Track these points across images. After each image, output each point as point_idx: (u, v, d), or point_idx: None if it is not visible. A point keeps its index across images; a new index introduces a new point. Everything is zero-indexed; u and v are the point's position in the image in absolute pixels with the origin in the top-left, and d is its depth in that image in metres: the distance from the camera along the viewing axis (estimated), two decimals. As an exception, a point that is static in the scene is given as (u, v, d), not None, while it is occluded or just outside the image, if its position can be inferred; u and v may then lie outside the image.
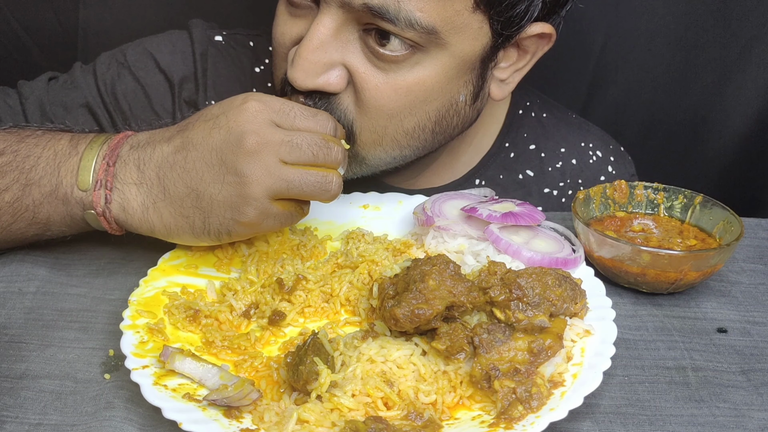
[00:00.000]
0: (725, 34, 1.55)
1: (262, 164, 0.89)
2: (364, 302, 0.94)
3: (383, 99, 1.04)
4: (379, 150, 1.10)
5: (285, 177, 0.90)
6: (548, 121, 1.36)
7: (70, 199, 0.95)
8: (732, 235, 1.01)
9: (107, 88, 1.25)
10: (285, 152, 0.90)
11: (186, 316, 0.91)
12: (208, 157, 0.91)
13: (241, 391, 0.78)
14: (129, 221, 0.95)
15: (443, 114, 1.10)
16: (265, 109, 0.91)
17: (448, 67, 1.04)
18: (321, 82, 1.02)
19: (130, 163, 0.94)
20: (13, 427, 0.78)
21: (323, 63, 1.01)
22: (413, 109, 1.06)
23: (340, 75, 1.03)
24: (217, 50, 1.27)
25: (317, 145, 0.92)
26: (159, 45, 1.27)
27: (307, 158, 0.91)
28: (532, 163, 1.32)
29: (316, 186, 0.92)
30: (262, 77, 1.28)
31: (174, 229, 0.94)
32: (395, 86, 1.03)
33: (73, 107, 1.24)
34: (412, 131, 1.09)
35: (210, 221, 0.92)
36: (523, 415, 0.77)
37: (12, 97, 1.24)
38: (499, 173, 1.31)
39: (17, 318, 0.94)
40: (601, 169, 1.35)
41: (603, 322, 0.89)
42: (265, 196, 0.90)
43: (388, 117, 1.05)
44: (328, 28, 0.99)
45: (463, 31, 1.01)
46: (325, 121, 0.95)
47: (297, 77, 1.00)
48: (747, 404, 0.85)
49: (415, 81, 1.03)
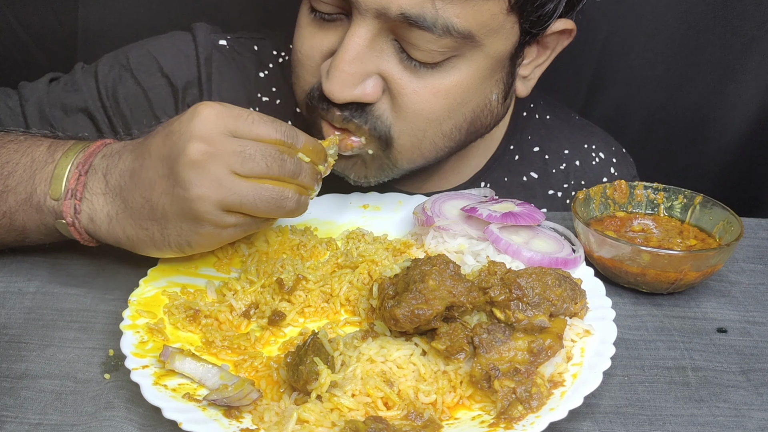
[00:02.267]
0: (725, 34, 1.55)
1: (210, 176, 0.83)
2: (364, 302, 0.94)
3: (422, 103, 1.03)
4: (416, 154, 1.09)
5: (237, 191, 0.84)
6: (552, 122, 1.36)
7: (43, 208, 0.93)
8: (732, 235, 1.01)
9: (108, 91, 1.23)
10: (237, 163, 0.84)
11: (186, 316, 0.91)
12: (159, 167, 0.86)
13: (241, 391, 0.78)
14: (97, 232, 0.92)
15: (478, 114, 1.10)
16: (219, 115, 0.85)
17: (483, 67, 1.04)
18: (358, 93, 1.00)
19: (99, 171, 0.91)
20: (13, 427, 0.78)
21: (360, 74, 1.00)
22: (451, 112, 1.06)
23: (376, 84, 1.02)
24: (221, 55, 1.26)
25: (272, 156, 0.86)
26: (162, 48, 1.25)
27: (260, 170, 0.85)
28: (536, 165, 1.33)
29: (270, 202, 0.86)
30: (266, 82, 1.27)
31: (136, 242, 0.91)
32: (433, 90, 1.02)
33: (72, 110, 1.23)
34: (450, 133, 1.09)
35: (168, 233, 0.88)
36: (523, 415, 0.77)
37: (12, 99, 1.24)
38: (504, 176, 1.31)
39: (17, 318, 0.94)
40: (604, 170, 1.36)
41: (603, 322, 0.89)
42: (216, 209, 0.84)
43: (428, 121, 1.05)
44: (363, 38, 0.98)
45: (497, 33, 1.01)
46: (287, 128, 0.90)
47: (334, 89, 0.99)
48: (747, 404, 0.85)
49: (453, 84, 1.03)
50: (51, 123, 1.22)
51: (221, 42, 1.27)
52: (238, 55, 1.27)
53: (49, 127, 1.22)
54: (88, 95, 1.23)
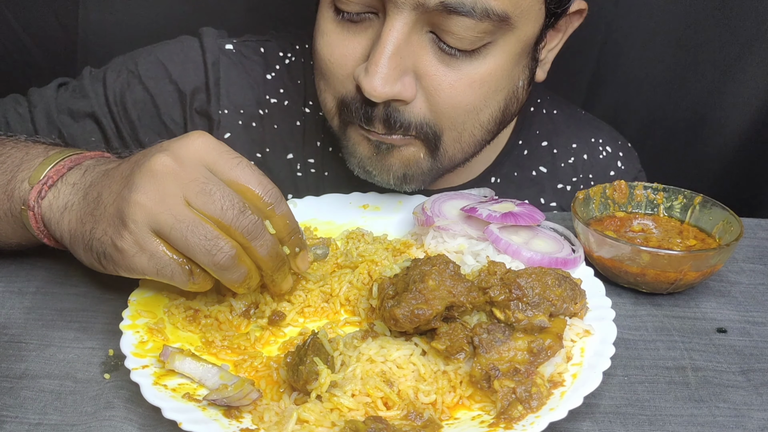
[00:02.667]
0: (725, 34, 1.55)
1: (159, 189, 0.79)
2: (363, 302, 0.94)
3: (460, 96, 1.02)
4: (457, 149, 1.08)
5: (174, 213, 0.78)
6: (559, 117, 1.37)
7: (14, 194, 0.91)
8: (731, 236, 1.01)
9: (116, 97, 1.23)
10: (192, 192, 0.79)
11: (186, 315, 0.91)
12: (125, 168, 0.84)
13: (241, 391, 0.78)
14: (50, 222, 0.89)
15: (509, 102, 1.09)
16: (205, 145, 0.82)
17: (514, 52, 1.04)
18: (399, 89, 0.98)
19: (83, 168, 0.90)
20: (12, 427, 0.79)
21: (400, 69, 0.98)
22: (487, 101, 1.05)
23: (412, 81, 1.00)
24: (228, 59, 1.26)
25: (233, 203, 0.80)
26: (171, 54, 1.25)
27: (213, 210, 0.79)
28: (545, 160, 1.33)
29: (202, 242, 0.78)
30: (273, 84, 1.27)
31: (71, 238, 0.86)
32: (470, 81, 1.01)
33: (79, 116, 1.23)
34: (487, 123, 1.08)
35: (94, 234, 0.83)
36: (523, 415, 0.77)
37: (22, 105, 1.24)
38: (514, 170, 1.31)
39: (17, 318, 0.94)
40: (611, 164, 1.36)
41: (603, 322, 0.89)
42: (145, 224, 0.79)
43: (466, 113, 1.04)
44: (401, 32, 0.96)
45: (528, 14, 1.01)
46: (273, 190, 0.83)
47: (376, 85, 0.96)
48: (747, 404, 0.85)
49: (488, 71, 1.02)
50: (59, 128, 1.23)
51: (228, 46, 1.27)
52: (245, 58, 1.27)
53: (56, 133, 1.22)
54: (96, 101, 1.23)
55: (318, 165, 1.28)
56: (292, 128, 1.27)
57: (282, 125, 1.27)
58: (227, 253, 0.80)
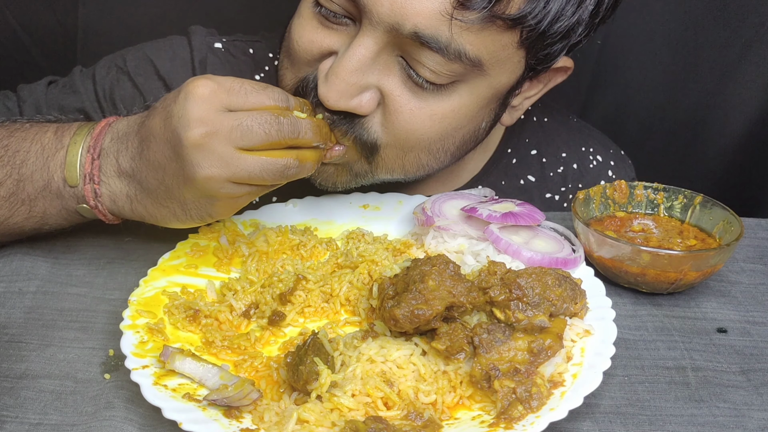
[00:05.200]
0: (725, 34, 1.55)
1: (214, 156, 0.86)
2: (363, 302, 0.94)
3: (417, 124, 1.02)
4: (398, 167, 1.09)
5: (243, 166, 0.86)
6: (549, 125, 1.36)
7: (63, 193, 0.96)
8: (732, 235, 1.01)
9: (106, 93, 1.24)
10: (237, 138, 0.86)
11: (186, 316, 0.91)
12: (165, 150, 0.89)
13: (241, 391, 0.78)
14: (121, 212, 0.96)
15: (467, 140, 1.10)
16: (213, 92, 0.87)
17: (483, 96, 1.04)
18: (353, 105, 0.99)
19: (111, 155, 0.94)
20: (13, 427, 0.78)
21: (359, 85, 0.98)
22: (443, 135, 1.05)
23: (372, 98, 1.00)
24: (216, 58, 1.26)
25: (268, 122, 0.87)
26: (159, 51, 1.26)
27: (260, 139, 0.87)
28: (534, 169, 1.33)
29: (276, 173, 0.88)
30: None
31: (160, 218, 0.95)
32: (431, 113, 1.01)
33: (69, 111, 1.24)
34: (436, 152, 1.08)
35: (188, 208, 0.92)
36: (523, 415, 0.77)
37: (11, 100, 1.24)
38: (501, 179, 1.31)
39: (17, 317, 0.94)
40: (602, 173, 1.36)
41: (603, 322, 0.89)
42: (228, 184, 0.87)
43: (418, 141, 1.04)
44: (369, 50, 0.96)
45: (504, 64, 1.01)
46: (277, 93, 0.91)
47: (330, 97, 0.97)
48: (747, 404, 0.85)
49: (451, 108, 1.02)
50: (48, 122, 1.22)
51: (217, 45, 1.27)
52: (234, 58, 1.27)
53: None
54: (86, 97, 1.24)
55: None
56: None
57: None
58: (294, 165, 0.89)
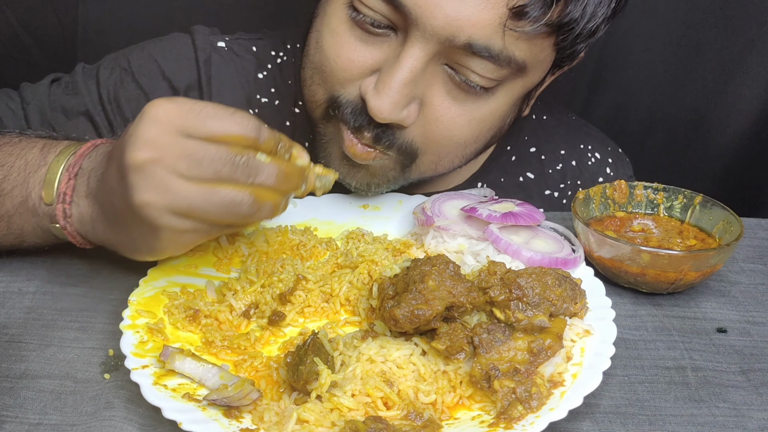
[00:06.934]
0: (726, 34, 1.55)
1: (154, 181, 0.77)
2: (363, 302, 0.94)
3: (456, 129, 1.03)
4: (431, 170, 1.10)
5: (183, 195, 0.77)
6: (548, 123, 1.36)
7: (39, 211, 0.92)
8: (732, 235, 1.01)
9: (110, 95, 1.23)
10: (183, 168, 0.77)
11: (186, 315, 0.91)
12: (114, 171, 0.81)
13: (241, 391, 0.78)
14: (87, 235, 0.91)
15: (494, 137, 1.12)
16: (168, 114, 0.79)
17: (517, 95, 1.05)
18: (404, 116, 0.99)
19: (86, 175, 0.89)
20: (12, 427, 0.78)
21: (410, 96, 0.98)
22: (479, 137, 1.07)
23: (416, 108, 1.00)
24: (220, 56, 1.26)
25: (221, 160, 0.78)
26: (164, 51, 1.25)
27: (208, 175, 0.78)
28: (533, 166, 1.33)
29: (222, 207, 0.78)
30: (265, 83, 1.27)
31: (116, 245, 0.88)
32: (471, 118, 1.02)
33: (73, 114, 1.23)
34: (469, 155, 1.11)
35: (134, 238, 0.84)
36: (523, 415, 0.77)
37: (14, 101, 1.24)
38: (501, 176, 1.31)
39: (17, 317, 0.94)
40: (600, 170, 1.36)
41: (603, 322, 0.89)
42: (168, 214, 0.78)
43: (456, 145, 1.06)
44: (420, 62, 0.95)
45: (541, 64, 1.03)
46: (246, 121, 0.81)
47: (384, 109, 0.96)
48: (746, 404, 0.85)
49: (490, 111, 1.03)
50: (52, 126, 1.22)
51: (220, 44, 1.26)
52: (237, 56, 1.27)
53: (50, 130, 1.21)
54: (89, 99, 1.23)
55: None
56: (282, 128, 1.27)
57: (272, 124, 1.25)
58: (247, 202, 0.79)
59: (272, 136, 0.83)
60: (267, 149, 0.82)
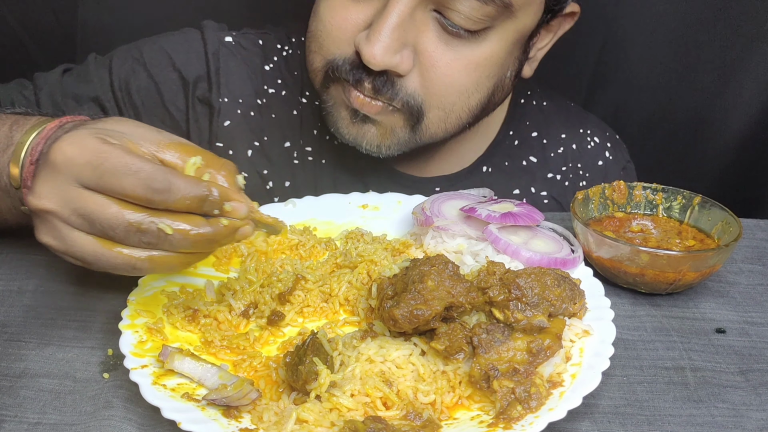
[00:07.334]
0: (725, 34, 1.55)
1: (50, 228, 0.76)
2: (363, 302, 0.94)
3: (454, 75, 1.06)
4: (441, 128, 1.13)
5: (79, 247, 0.75)
6: (549, 108, 1.40)
7: (10, 193, 0.90)
8: (730, 236, 1.01)
9: (121, 83, 1.26)
10: (77, 223, 0.75)
11: (185, 315, 0.91)
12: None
13: (240, 391, 0.78)
14: None
15: (496, 89, 1.14)
16: (70, 163, 0.74)
17: (511, 40, 1.08)
18: (397, 60, 1.02)
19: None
20: (11, 426, 0.79)
21: (400, 42, 1.02)
22: (479, 85, 1.09)
23: (410, 56, 1.04)
24: (228, 50, 1.29)
25: (114, 223, 0.73)
26: (175, 44, 1.28)
27: (101, 234, 0.75)
28: (535, 150, 1.36)
29: (115, 267, 0.76)
30: (271, 74, 1.30)
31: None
32: (466, 62, 1.05)
33: (84, 100, 1.25)
34: (475, 108, 1.13)
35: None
36: (522, 415, 0.77)
37: (27, 89, 1.26)
38: (505, 160, 1.34)
39: (16, 316, 0.94)
40: (599, 154, 1.39)
41: (602, 322, 0.89)
42: (69, 257, 0.77)
43: (458, 94, 1.08)
44: (407, 5, 1.00)
45: (530, 5, 1.05)
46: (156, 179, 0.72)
47: (377, 53, 1.00)
48: (745, 404, 0.85)
49: (484, 56, 1.06)
50: (63, 112, 1.23)
51: (227, 39, 1.30)
52: (244, 50, 1.30)
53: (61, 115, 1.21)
54: (100, 86, 1.26)
55: (315, 153, 1.30)
56: (290, 117, 1.30)
57: (279, 114, 1.30)
58: (141, 266, 0.76)
59: (191, 193, 0.74)
60: (181, 208, 0.74)
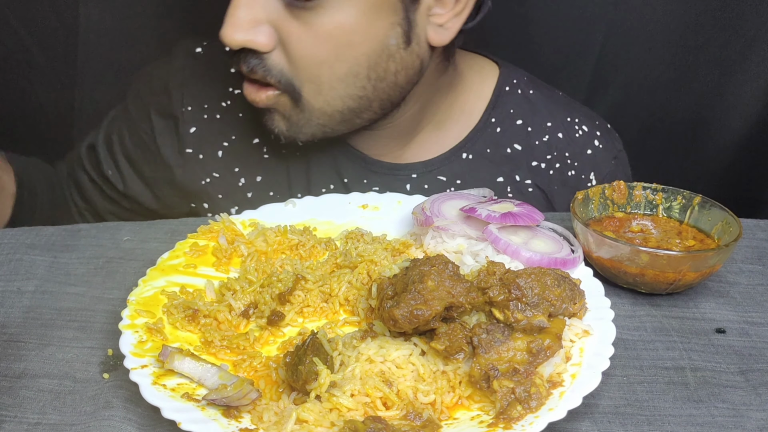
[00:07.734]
0: (725, 34, 1.55)
1: None
2: (363, 302, 0.94)
3: (307, 48, 1.09)
4: (322, 102, 1.14)
5: None
6: (535, 97, 1.38)
7: None
8: (730, 236, 1.01)
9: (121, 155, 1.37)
10: None
11: (185, 315, 0.91)
12: None
13: (240, 391, 0.78)
14: None
15: (375, 59, 1.13)
16: None
17: (365, 8, 1.08)
18: (251, 36, 1.07)
19: None
20: (11, 427, 0.79)
21: (250, 20, 1.06)
22: (339, 55, 1.11)
23: (268, 33, 1.08)
24: (196, 61, 1.34)
25: None
26: (152, 88, 1.34)
27: None
28: (520, 138, 1.35)
29: None
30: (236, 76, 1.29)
31: None
32: (316, 34, 1.08)
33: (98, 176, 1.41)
34: (345, 77, 1.13)
35: None
36: (522, 415, 0.77)
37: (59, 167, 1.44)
38: (487, 147, 1.33)
39: (16, 317, 0.94)
40: (587, 143, 1.37)
41: (602, 322, 0.89)
42: None
43: (317, 65, 1.10)
44: None
45: None
46: None
47: (225, 34, 1.06)
48: (745, 404, 0.85)
49: (334, 26, 1.08)
50: None
51: (198, 50, 1.35)
52: (212, 57, 1.34)
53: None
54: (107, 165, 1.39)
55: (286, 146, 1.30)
56: (256, 115, 1.30)
57: (246, 113, 1.32)
58: None
59: None
60: None
